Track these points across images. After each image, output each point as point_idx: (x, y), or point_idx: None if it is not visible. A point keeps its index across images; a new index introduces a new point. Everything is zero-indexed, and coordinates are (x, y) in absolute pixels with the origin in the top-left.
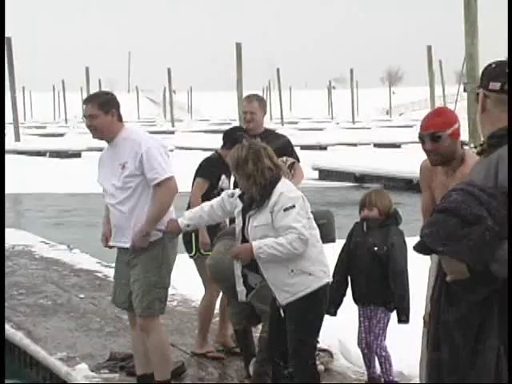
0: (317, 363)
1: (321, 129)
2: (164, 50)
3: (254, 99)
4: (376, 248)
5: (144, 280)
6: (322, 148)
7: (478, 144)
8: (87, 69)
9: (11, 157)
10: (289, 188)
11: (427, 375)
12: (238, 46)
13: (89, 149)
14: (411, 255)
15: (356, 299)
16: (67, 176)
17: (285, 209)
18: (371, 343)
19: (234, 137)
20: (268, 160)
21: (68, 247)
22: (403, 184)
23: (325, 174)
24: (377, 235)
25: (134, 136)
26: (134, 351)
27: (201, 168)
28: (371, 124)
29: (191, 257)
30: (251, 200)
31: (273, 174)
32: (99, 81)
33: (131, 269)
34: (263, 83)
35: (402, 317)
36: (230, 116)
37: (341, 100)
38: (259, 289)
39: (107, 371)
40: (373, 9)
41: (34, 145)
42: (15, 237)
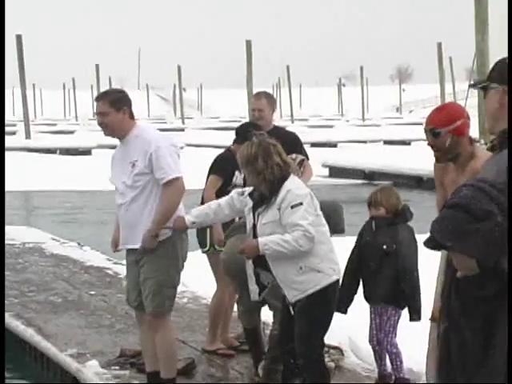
0: (327, 360)
1: (331, 126)
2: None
3: (263, 96)
4: (385, 246)
5: (154, 279)
6: (332, 145)
7: (489, 141)
8: (97, 66)
9: (22, 154)
10: (297, 185)
11: (436, 373)
12: (248, 43)
13: (99, 146)
14: (422, 252)
15: (367, 298)
16: (77, 173)
17: (292, 206)
18: (382, 340)
19: (249, 132)
20: (277, 157)
21: (78, 244)
22: (413, 181)
23: (334, 172)
24: (385, 233)
25: (145, 134)
26: (143, 349)
27: (214, 165)
28: (381, 121)
29: (204, 252)
30: (261, 197)
31: (282, 171)
32: (109, 78)
33: (140, 268)
34: (273, 80)
35: (414, 315)
36: (240, 113)
37: (351, 97)
38: (272, 287)
39: (117, 368)
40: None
41: (45, 142)
42: (26, 234)
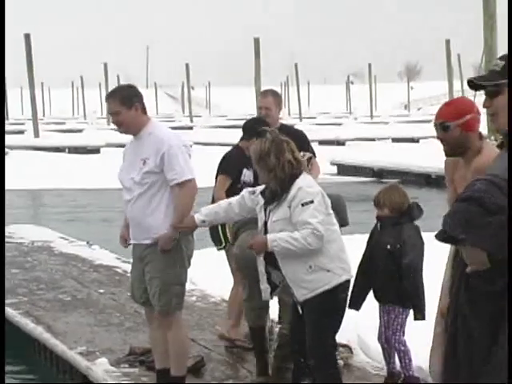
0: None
1: (339, 124)
2: (182, 46)
3: (269, 94)
4: (389, 246)
5: (161, 278)
6: (340, 143)
7: (499, 138)
8: (105, 65)
9: (30, 153)
10: (308, 183)
11: (442, 367)
12: (256, 41)
13: (107, 144)
14: (429, 250)
15: (375, 297)
16: (86, 172)
17: (302, 204)
18: (390, 338)
19: (255, 128)
20: (290, 154)
21: (87, 243)
22: (421, 179)
23: (343, 169)
24: (390, 233)
25: (158, 132)
26: (153, 346)
27: (222, 164)
28: (389, 119)
29: (221, 249)
30: (272, 194)
31: (293, 169)
32: (118, 77)
33: (145, 265)
34: (282, 78)
35: (417, 315)
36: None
37: (359, 95)
38: (283, 286)
39: (127, 366)
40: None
41: (53, 141)
42: (35, 233)
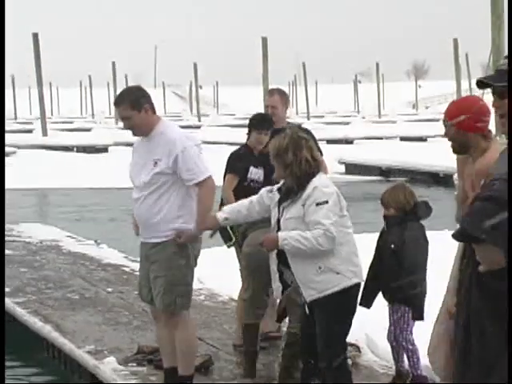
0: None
1: (347, 123)
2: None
3: (276, 93)
4: (393, 246)
5: (164, 278)
6: (348, 142)
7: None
8: (114, 64)
9: (38, 152)
10: (324, 183)
11: (455, 364)
12: (264, 40)
13: (116, 143)
14: (436, 248)
15: (384, 296)
16: (94, 171)
17: (317, 203)
18: (398, 337)
19: (261, 123)
20: (307, 152)
21: (95, 242)
22: (429, 177)
23: (351, 168)
24: (395, 233)
25: (170, 133)
26: (160, 345)
27: (228, 164)
28: (397, 118)
29: (231, 245)
30: (287, 191)
31: (310, 167)
32: (125, 76)
33: (151, 264)
34: (289, 78)
35: (415, 314)
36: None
37: (367, 94)
38: (296, 286)
39: (135, 364)
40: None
41: (61, 140)
42: (43, 232)
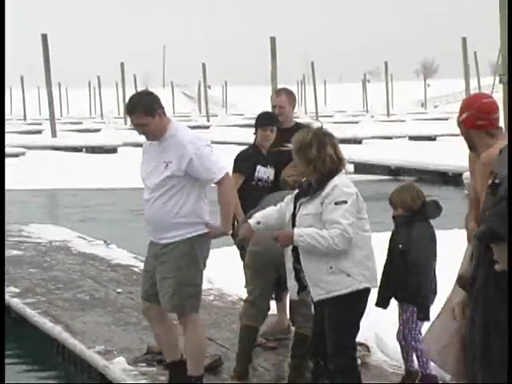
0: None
1: (356, 122)
2: (199, 45)
3: (283, 93)
4: (401, 246)
5: (173, 279)
6: (357, 141)
7: None
8: (122, 64)
9: (47, 153)
10: (345, 182)
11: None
12: (273, 40)
13: (125, 144)
14: (444, 247)
15: (394, 296)
16: (103, 171)
17: (336, 202)
18: (407, 336)
19: (266, 119)
20: (331, 149)
21: (105, 242)
22: (438, 177)
23: (360, 168)
24: (403, 233)
25: (181, 135)
26: (158, 342)
27: (234, 163)
28: (406, 117)
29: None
30: (307, 188)
31: (333, 165)
32: (134, 76)
33: (159, 265)
34: (298, 77)
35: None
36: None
37: (375, 93)
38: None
39: (144, 365)
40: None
41: (71, 140)
42: (52, 232)
